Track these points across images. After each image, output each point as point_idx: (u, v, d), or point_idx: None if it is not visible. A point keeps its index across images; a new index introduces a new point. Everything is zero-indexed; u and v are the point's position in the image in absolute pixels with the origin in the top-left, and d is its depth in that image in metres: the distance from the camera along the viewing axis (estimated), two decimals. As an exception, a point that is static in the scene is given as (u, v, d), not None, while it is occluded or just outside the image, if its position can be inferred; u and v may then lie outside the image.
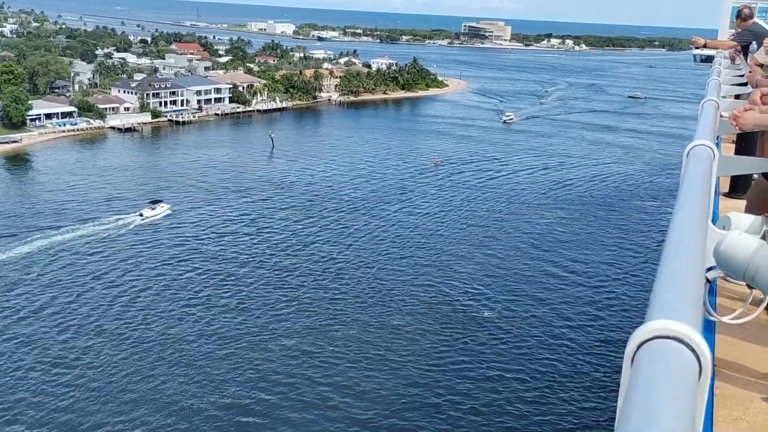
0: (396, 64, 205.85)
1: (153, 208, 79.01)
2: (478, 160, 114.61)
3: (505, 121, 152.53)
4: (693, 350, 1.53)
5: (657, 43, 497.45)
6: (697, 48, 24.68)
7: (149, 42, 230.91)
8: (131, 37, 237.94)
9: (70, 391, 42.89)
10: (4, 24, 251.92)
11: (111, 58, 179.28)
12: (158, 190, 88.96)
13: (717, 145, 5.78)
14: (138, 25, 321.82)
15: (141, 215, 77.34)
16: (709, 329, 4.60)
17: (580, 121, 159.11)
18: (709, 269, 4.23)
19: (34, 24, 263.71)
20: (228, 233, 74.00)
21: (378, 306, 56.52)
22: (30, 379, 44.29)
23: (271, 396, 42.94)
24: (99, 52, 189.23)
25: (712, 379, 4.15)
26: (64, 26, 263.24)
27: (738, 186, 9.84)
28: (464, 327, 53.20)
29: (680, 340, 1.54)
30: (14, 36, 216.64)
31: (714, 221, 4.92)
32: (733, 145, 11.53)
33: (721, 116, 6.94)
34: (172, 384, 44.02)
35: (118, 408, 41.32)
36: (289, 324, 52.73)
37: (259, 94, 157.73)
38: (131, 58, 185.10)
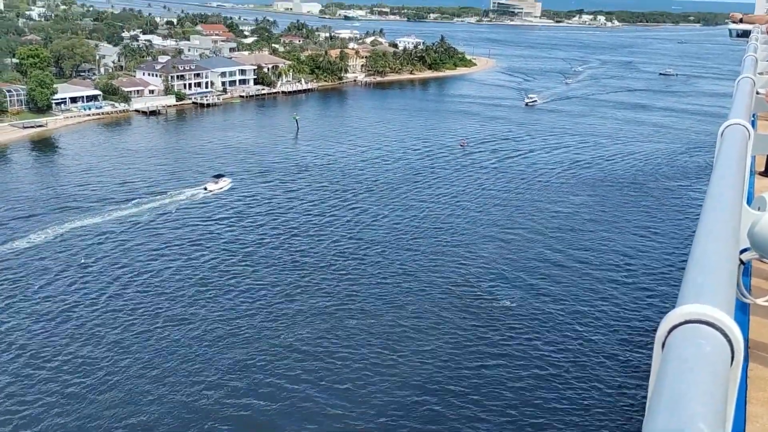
0: (423, 43, 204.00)
1: (216, 182, 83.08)
2: (503, 140, 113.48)
3: (527, 104, 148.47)
4: (725, 335, 1.50)
5: (692, 18, 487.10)
6: (733, 22, 24.06)
7: (175, 23, 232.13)
8: (157, 19, 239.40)
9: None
10: (32, 7, 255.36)
11: (137, 40, 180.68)
12: (191, 172, 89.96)
13: (753, 123, 5.64)
14: (164, 6, 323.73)
15: (205, 189, 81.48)
16: (743, 311, 4.52)
17: (609, 101, 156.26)
18: (744, 251, 4.15)
19: (62, 7, 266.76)
20: (253, 215, 74.72)
21: (395, 292, 55.62)
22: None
23: (282, 389, 42.22)
24: (125, 34, 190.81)
25: (746, 361, 4.08)
26: (91, 9, 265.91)
27: (774, 165, 9.58)
28: (485, 314, 52.03)
29: (712, 325, 1.51)
30: (42, 19, 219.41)
31: (749, 202, 4.82)
32: (769, 123, 11.22)
33: (757, 93, 6.75)
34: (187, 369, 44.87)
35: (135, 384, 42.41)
36: (306, 310, 52.25)
37: (284, 75, 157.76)
38: (157, 40, 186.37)
